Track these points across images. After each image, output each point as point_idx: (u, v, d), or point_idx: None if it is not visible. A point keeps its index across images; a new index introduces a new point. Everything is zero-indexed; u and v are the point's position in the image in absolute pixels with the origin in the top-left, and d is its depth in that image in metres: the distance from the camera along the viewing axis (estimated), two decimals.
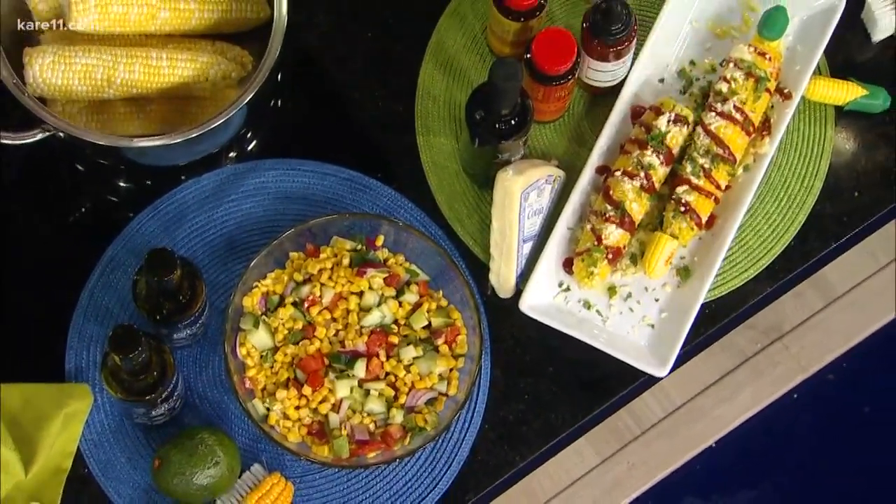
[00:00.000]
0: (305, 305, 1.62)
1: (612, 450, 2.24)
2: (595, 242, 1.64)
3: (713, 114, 1.67)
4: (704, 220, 1.67)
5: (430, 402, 1.62)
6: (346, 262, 1.64)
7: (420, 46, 1.76)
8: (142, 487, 1.62)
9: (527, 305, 1.65)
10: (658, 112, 1.68)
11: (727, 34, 1.75)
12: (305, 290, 1.63)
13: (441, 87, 1.75)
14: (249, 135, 1.74)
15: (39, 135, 1.61)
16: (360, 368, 1.60)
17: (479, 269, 1.70)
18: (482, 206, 1.72)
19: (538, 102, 1.67)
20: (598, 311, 1.68)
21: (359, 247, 1.66)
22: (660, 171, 1.66)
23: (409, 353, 1.62)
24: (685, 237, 1.67)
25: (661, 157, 1.66)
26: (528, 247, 1.68)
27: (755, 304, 1.72)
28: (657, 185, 1.67)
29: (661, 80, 1.74)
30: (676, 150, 1.68)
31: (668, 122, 1.67)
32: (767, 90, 1.68)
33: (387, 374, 1.62)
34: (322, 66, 1.77)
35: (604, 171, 1.70)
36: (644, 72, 1.72)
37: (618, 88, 1.72)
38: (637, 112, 1.72)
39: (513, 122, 1.60)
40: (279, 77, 1.70)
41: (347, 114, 1.75)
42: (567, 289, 1.69)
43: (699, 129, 1.68)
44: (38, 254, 1.70)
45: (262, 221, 1.70)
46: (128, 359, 1.46)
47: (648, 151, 1.66)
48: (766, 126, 1.71)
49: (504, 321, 1.69)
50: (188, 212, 1.70)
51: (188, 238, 1.69)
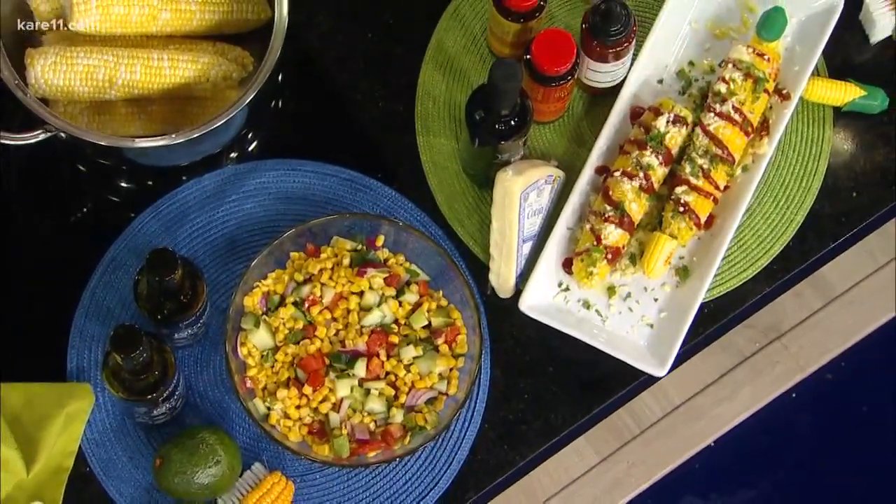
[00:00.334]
0: (306, 305, 1.63)
1: (612, 449, 2.24)
2: (594, 242, 1.65)
3: (712, 114, 1.68)
4: (703, 221, 1.68)
5: (431, 402, 1.62)
6: (347, 262, 1.64)
7: (420, 47, 1.76)
8: (143, 486, 1.63)
9: (526, 305, 1.66)
10: (657, 112, 1.68)
11: (726, 35, 1.76)
12: (306, 290, 1.63)
13: (441, 88, 1.75)
14: (250, 135, 1.75)
15: (41, 135, 1.61)
16: (361, 368, 1.61)
17: (479, 269, 1.70)
18: (482, 207, 1.72)
19: (538, 103, 1.68)
20: (598, 311, 1.68)
21: (359, 247, 1.66)
22: (659, 172, 1.67)
23: (410, 353, 1.62)
24: (684, 237, 1.67)
25: (660, 158, 1.66)
26: (528, 247, 1.69)
27: (754, 304, 1.73)
28: (656, 186, 1.67)
29: (660, 81, 1.74)
30: (675, 151, 1.68)
31: (667, 123, 1.67)
32: (766, 91, 1.69)
33: (387, 374, 1.62)
34: (322, 67, 1.77)
35: (603, 172, 1.71)
36: (643, 72, 1.73)
37: (617, 89, 1.72)
38: (636, 112, 1.72)
39: (512, 123, 1.60)
40: (280, 78, 1.70)
41: (348, 114, 1.76)
42: (566, 289, 1.69)
43: (698, 130, 1.68)
44: (40, 254, 1.70)
45: (263, 221, 1.70)
46: (129, 358, 1.46)
47: (647, 152, 1.66)
48: (765, 126, 1.71)
49: (504, 321, 1.69)
50: (189, 212, 1.70)
51: (189, 238, 1.69)
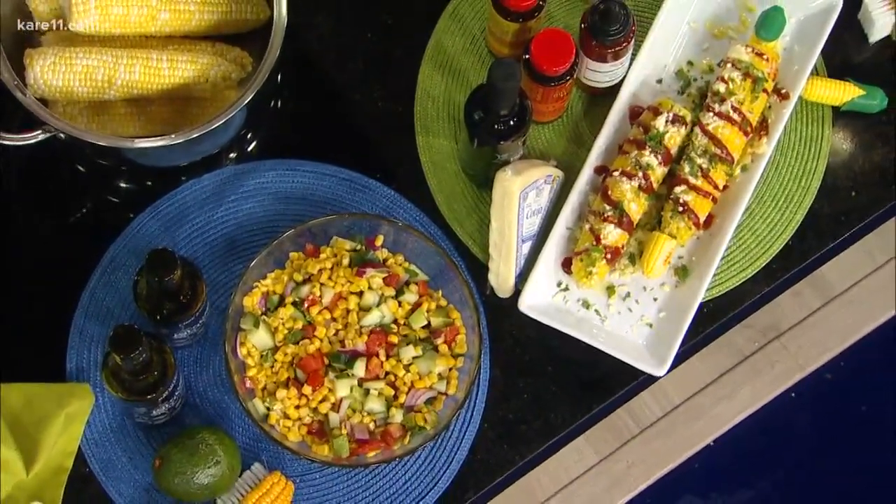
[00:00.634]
0: (305, 305, 1.63)
1: (611, 448, 2.24)
2: (594, 242, 1.65)
3: (711, 114, 1.68)
4: (702, 220, 1.68)
5: (430, 402, 1.62)
6: (346, 262, 1.65)
7: (419, 47, 1.76)
8: (143, 487, 1.63)
9: (526, 305, 1.66)
10: (656, 112, 1.68)
11: (725, 35, 1.76)
12: (305, 290, 1.63)
13: (440, 88, 1.75)
14: (249, 135, 1.75)
15: (40, 136, 1.61)
16: (360, 368, 1.61)
17: (479, 269, 1.70)
18: (481, 206, 1.72)
19: (537, 103, 1.68)
20: (597, 311, 1.69)
21: (358, 247, 1.66)
22: (658, 171, 1.67)
23: (409, 353, 1.62)
24: (683, 237, 1.67)
25: (660, 158, 1.66)
26: (527, 247, 1.69)
27: (753, 304, 1.73)
28: (655, 185, 1.68)
29: (659, 81, 1.74)
30: (674, 151, 1.69)
31: (667, 123, 1.67)
32: (765, 90, 1.69)
33: (386, 374, 1.62)
34: (322, 67, 1.77)
35: (602, 171, 1.71)
36: (642, 72, 1.73)
37: (616, 89, 1.72)
38: (635, 112, 1.72)
39: (511, 123, 1.61)
40: (279, 78, 1.70)
41: (347, 114, 1.76)
42: (566, 288, 1.69)
43: (697, 130, 1.69)
44: (40, 254, 1.70)
45: (262, 222, 1.71)
46: (128, 358, 1.46)
47: (647, 151, 1.66)
48: (764, 126, 1.71)
49: (503, 321, 1.69)
50: (188, 212, 1.70)
51: (188, 238, 1.70)
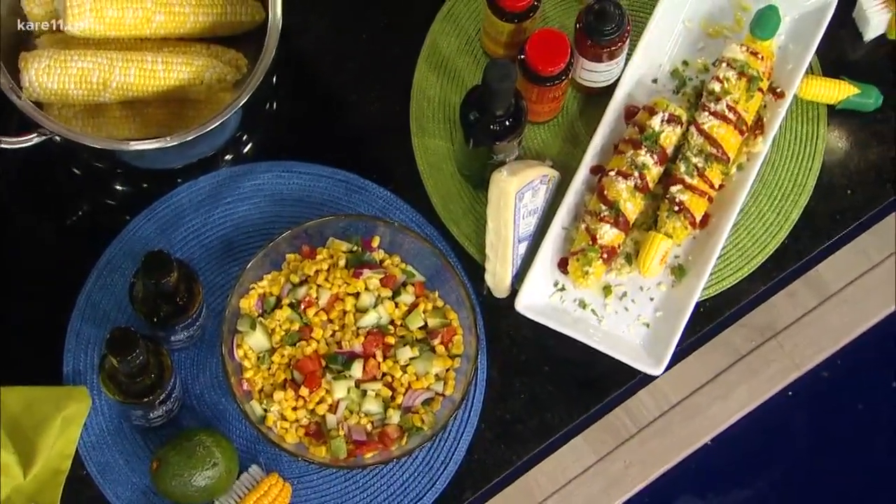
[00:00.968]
0: (302, 307, 1.63)
1: (609, 448, 2.24)
2: (590, 242, 1.65)
3: (706, 113, 1.68)
4: (698, 220, 1.68)
5: (427, 403, 1.62)
6: (343, 264, 1.65)
7: (414, 48, 1.76)
8: (140, 489, 1.63)
9: (522, 305, 1.66)
10: (651, 112, 1.68)
11: (720, 34, 1.76)
12: (302, 292, 1.63)
13: (436, 89, 1.75)
14: (245, 137, 1.75)
15: (36, 138, 1.61)
16: (357, 369, 1.61)
17: (475, 270, 1.70)
18: (477, 207, 1.72)
19: (532, 103, 1.68)
20: (594, 311, 1.69)
21: (355, 248, 1.66)
22: (654, 171, 1.67)
23: (406, 354, 1.62)
24: (679, 236, 1.67)
25: (655, 157, 1.67)
26: (524, 247, 1.69)
27: (749, 303, 1.73)
28: (651, 185, 1.68)
29: (655, 80, 1.74)
30: (670, 150, 1.69)
31: (662, 122, 1.67)
32: (760, 89, 1.69)
33: (383, 375, 1.62)
34: (317, 69, 1.77)
35: (598, 171, 1.71)
36: (637, 72, 1.73)
37: (611, 89, 1.72)
38: (631, 112, 1.72)
39: (507, 123, 1.61)
40: (274, 80, 1.70)
41: (343, 116, 1.76)
42: (562, 288, 1.69)
43: (692, 129, 1.69)
44: (36, 257, 1.70)
45: (259, 223, 1.70)
46: (125, 361, 1.46)
47: (642, 151, 1.66)
48: (759, 125, 1.71)
49: (500, 321, 1.69)
50: (184, 214, 1.70)
51: (185, 240, 1.69)
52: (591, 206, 1.67)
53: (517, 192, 1.64)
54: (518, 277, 1.68)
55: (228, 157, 1.74)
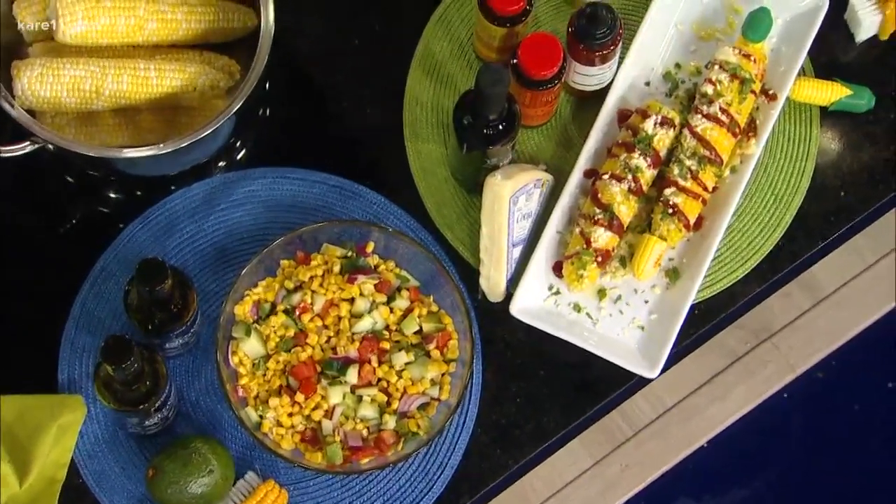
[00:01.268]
0: (297, 313, 1.63)
1: (605, 451, 2.24)
2: (584, 245, 1.65)
3: (699, 116, 1.68)
4: (692, 222, 1.68)
5: (423, 407, 1.62)
6: (337, 269, 1.64)
7: (407, 53, 1.76)
8: (136, 497, 1.62)
9: (517, 309, 1.66)
10: (644, 115, 1.68)
11: (712, 37, 1.76)
12: (296, 298, 1.63)
13: (429, 94, 1.75)
14: (238, 144, 1.75)
15: (29, 147, 1.61)
16: (353, 375, 1.61)
17: (470, 274, 1.70)
18: (471, 211, 1.72)
19: (525, 107, 1.68)
20: (589, 314, 1.69)
21: (349, 253, 1.66)
22: (647, 174, 1.67)
23: (401, 359, 1.62)
24: (673, 239, 1.67)
25: (649, 160, 1.67)
26: (518, 251, 1.69)
27: (744, 305, 1.73)
28: (645, 188, 1.68)
29: (647, 84, 1.75)
30: (663, 153, 1.69)
31: (655, 125, 1.67)
32: (753, 92, 1.69)
33: (379, 380, 1.62)
34: (310, 75, 1.77)
35: (592, 175, 1.71)
36: (630, 75, 1.73)
37: (604, 92, 1.73)
38: (624, 115, 1.72)
39: (500, 127, 1.61)
40: (267, 86, 1.70)
41: (336, 121, 1.76)
42: (557, 292, 1.69)
43: (686, 132, 1.69)
44: (30, 265, 1.70)
45: (253, 230, 1.70)
46: (120, 369, 1.46)
47: (636, 154, 1.66)
48: (752, 127, 1.71)
49: (495, 325, 1.69)
50: (178, 221, 1.70)
51: (179, 247, 1.69)
52: (585, 210, 1.68)
53: (511, 197, 1.64)
54: (513, 281, 1.68)
55: (222, 164, 1.74)
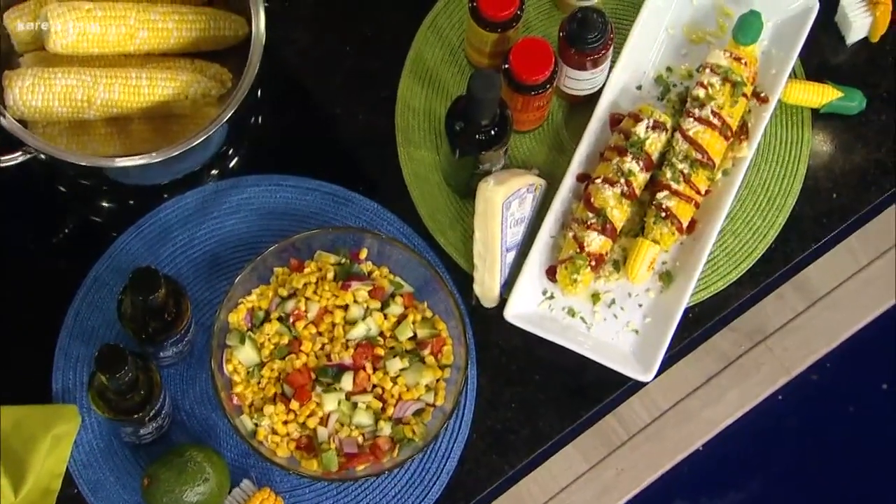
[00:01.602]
0: (291, 320, 1.63)
1: (600, 455, 2.24)
2: (578, 250, 1.65)
3: (691, 119, 1.68)
4: (685, 225, 1.68)
5: (418, 413, 1.62)
6: (331, 276, 1.64)
7: (399, 60, 1.76)
8: None
9: (511, 314, 1.66)
10: (636, 119, 1.69)
11: (703, 40, 1.76)
12: (290, 305, 1.63)
13: (421, 100, 1.75)
14: (231, 152, 1.74)
15: (21, 157, 1.61)
16: (347, 381, 1.61)
17: (463, 280, 1.70)
18: (464, 217, 1.72)
19: (517, 112, 1.68)
20: (583, 318, 1.69)
21: (343, 260, 1.66)
22: (640, 178, 1.67)
23: (396, 365, 1.62)
24: (667, 242, 1.67)
25: (641, 164, 1.67)
26: (512, 256, 1.69)
27: (738, 307, 1.73)
28: (638, 192, 1.68)
29: (639, 87, 1.75)
30: (656, 156, 1.69)
31: (647, 129, 1.67)
32: (744, 94, 1.69)
33: (374, 387, 1.62)
34: (301, 82, 1.77)
35: (584, 179, 1.71)
36: (621, 79, 1.73)
37: (596, 96, 1.73)
38: (616, 119, 1.72)
39: (492, 133, 1.61)
40: (259, 94, 1.70)
41: (328, 128, 1.76)
42: (551, 296, 1.69)
43: (678, 135, 1.69)
44: (23, 275, 1.69)
45: (246, 238, 1.70)
46: (114, 378, 1.46)
47: (628, 158, 1.66)
48: (744, 130, 1.72)
49: (489, 330, 1.69)
50: (171, 230, 1.70)
51: (172, 256, 1.69)
52: (579, 214, 1.68)
53: (504, 202, 1.64)
54: (506, 286, 1.68)
55: (214, 172, 1.73)
